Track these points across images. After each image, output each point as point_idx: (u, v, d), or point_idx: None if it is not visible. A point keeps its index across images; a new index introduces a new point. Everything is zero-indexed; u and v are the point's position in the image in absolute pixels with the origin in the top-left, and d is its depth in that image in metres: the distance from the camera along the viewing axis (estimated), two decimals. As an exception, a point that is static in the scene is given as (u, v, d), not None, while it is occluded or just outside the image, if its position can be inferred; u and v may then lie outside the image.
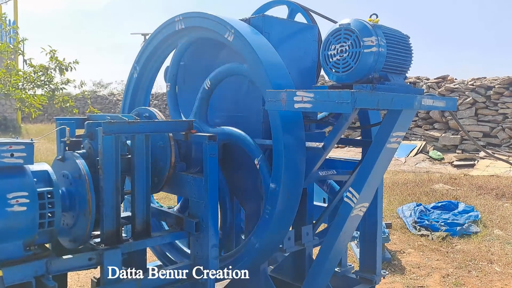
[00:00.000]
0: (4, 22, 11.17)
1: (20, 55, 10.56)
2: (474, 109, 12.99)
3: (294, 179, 2.52)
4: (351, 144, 3.49)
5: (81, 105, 23.67)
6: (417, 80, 14.73)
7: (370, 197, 2.63)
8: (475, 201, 7.58)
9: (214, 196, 2.36)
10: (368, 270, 3.25)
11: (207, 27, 2.77)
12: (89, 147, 2.30)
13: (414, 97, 2.36)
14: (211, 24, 2.73)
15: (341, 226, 2.55)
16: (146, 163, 2.34)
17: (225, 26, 2.64)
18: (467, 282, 4.53)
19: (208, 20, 2.75)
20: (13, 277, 1.84)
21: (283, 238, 2.70)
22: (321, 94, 2.15)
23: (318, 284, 2.69)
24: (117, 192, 2.20)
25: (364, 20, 2.38)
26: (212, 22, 2.72)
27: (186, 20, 2.91)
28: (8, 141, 1.87)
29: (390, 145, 2.43)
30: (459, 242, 5.68)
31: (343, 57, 2.36)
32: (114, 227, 2.20)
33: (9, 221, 1.84)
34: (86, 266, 2.11)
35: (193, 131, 2.48)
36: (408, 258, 5.19)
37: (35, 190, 1.92)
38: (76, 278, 4.35)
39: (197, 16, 2.83)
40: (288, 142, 2.46)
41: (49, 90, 9.55)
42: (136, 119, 2.62)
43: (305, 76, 3.05)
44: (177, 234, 2.52)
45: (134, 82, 3.38)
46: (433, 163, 12.00)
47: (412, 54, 2.58)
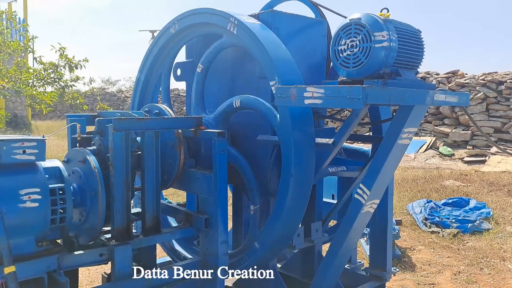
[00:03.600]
0: (14, 20, 11.26)
1: (30, 53, 10.65)
2: (485, 104, 12.84)
3: (303, 176, 2.50)
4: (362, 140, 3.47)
5: (90, 102, 23.86)
6: (426, 75, 14.58)
7: (381, 194, 2.61)
8: (486, 198, 7.49)
9: (223, 193, 2.36)
10: (378, 267, 3.23)
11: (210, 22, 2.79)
12: (100, 144, 2.31)
13: (426, 93, 2.33)
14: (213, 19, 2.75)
15: (352, 223, 2.53)
16: (156, 160, 2.34)
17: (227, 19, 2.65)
18: (479, 280, 4.49)
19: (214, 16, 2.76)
20: (26, 273, 1.85)
21: (293, 234, 2.69)
22: (331, 90, 2.13)
23: (328, 281, 2.68)
24: (127, 188, 2.20)
25: (375, 14, 2.35)
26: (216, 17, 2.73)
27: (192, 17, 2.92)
28: (20, 138, 1.88)
29: (401, 141, 2.40)
30: (471, 239, 5.63)
31: (353, 52, 2.34)
32: (125, 223, 2.21)
33: (21, 217, 1.86)
34: (97, 261, 2.13)
35: (202, 128, 2.48)
36: (418, 255, 5.15)
37: (47, 186, 1.94)
38: (86, 274, 4.39)
39: (204, 12, 2.85)
40: (297, 139, 2.45)
41: (59, 87, 9.62)
42: (146, 115, 2.62)
43: (314, 71, 3.03)
44: (187, 231, 2.52)
45: (143, 79, 3.39)
46: (443, 159, 11.89)
47: (424, 48, 2.55)
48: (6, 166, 1.87)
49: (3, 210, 1.79)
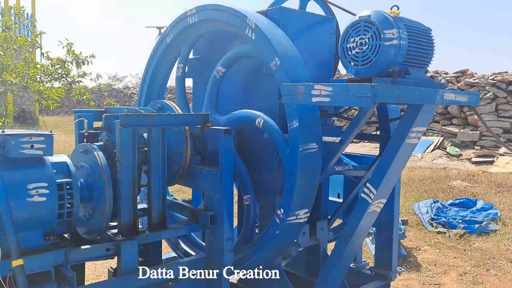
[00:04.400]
0: (22, 16, 11.33)
1: (38, 48, 10.71)
2: (495, 104, 12.71)
3: (307, 188, 2.49)
4: (369, 139, 3.43)
5: (96, 98, 23.94)
6: (435, 74, 14.47)
7: (387, 193, 2.59)
8: (494, 199, 7.43)
9: (229, 190, 2.36)
10: (384, 267, 3.22)
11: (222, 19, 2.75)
12: (107, 140, 2.31)
13: (436, 91, 2.31)
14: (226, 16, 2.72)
15: (358, 222, 2.52)
16: (162, 156, 2.35)
17: (241, 18, 2.62)
18: (485, 281, 4.46)
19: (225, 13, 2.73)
20: (33, 266, 1.87)
21: (298, 233, 2.68)
22: (340, 88, 2.11)
23: (333, 280, 2.67)
24: (134, 184, 2.21)
25: (385, 12, 2.33)
26: (228, 14, 2.71)
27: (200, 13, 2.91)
28: (28, 133, 1.89)
29: (410, 141, 2.38)
30: (477, 240, 5.59)
31: (362, 50, 2.32)
32: (131, 218, 2.22)
33: (29, 211, 1.87)
34: (104, 256, 2.14)
35: (209, 125, 2.48)
36: (424, 255, 5.12)
37: (55, 181, 1.95)
38: (92, 268, 4.42)
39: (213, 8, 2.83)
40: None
41: (66, 83, 9.66)
42: (153, 112, 2.62)
43: (322, 69, 3.01)
44: (193, 227, 2.53)
45: (150, 74, 3.39)
46: (450, 159, 11.81)
47: (434, 47, 2.52)
48: (15, 160, 1.88)
49: (11, 204, 1.80)
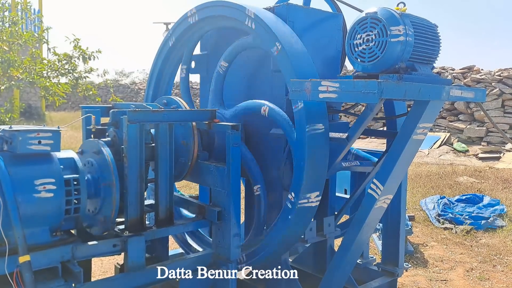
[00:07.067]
0: (29, 11, 11.36)
1: (45, 44, 10.73)
2: (501, 100, 12.61)
3: (317, 170, 2.49)
4: (376, 135, 3.44)
5: (103, 94, 24.02)
6: (441, 70, 14.37)
7: (394, 189, 2.58)
8: (500, 195, 7.39)
9: (236, 186, 2.36)
10: (391, 263, 3.21)
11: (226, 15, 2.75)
12: (114, 135, 2.32)
13: (442, 88, 2.30)
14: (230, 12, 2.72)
15: (364, 218, 2.51)
16: (170, 152, 2.35)
17: (240, 10, 2.62)
18: (492, 277, 4.44)
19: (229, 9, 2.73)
20: (40, 262, 1.88)
21: (305, 228, 2.68)
22: (346, 84, 2.10)
23: (340, 276, 2.68)
24: (141, 180, 2.22)
25: (391, 8, 2.32)
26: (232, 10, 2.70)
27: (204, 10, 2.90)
28: (36, 129, 1.90)
29: (416, 137, 2.38)
30: (484, 236, 5.56)
31: (369, 47, 2.31)
32: (138, 214, 2.22)
33: (36, 207, 1.88)
34: (111, 252, 2.15)
35: (216, 121, 2.48)
36: (431, 251, 5.11)
37: (62, 177, 1.96)
38: (99, 264, 4.44)
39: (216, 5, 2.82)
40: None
41: (73, 78, 9.68)
42: (160, 108, 2.63)
43: (329, 65, 3.00)
44: (200, 223, 2.54)
45: (157, 70, 3.40)
46: (457, 155, 11.74)
47: (440, 43, 2.51)
48: (22, 156, 1.89)
49: (18, 200, 1.81)
